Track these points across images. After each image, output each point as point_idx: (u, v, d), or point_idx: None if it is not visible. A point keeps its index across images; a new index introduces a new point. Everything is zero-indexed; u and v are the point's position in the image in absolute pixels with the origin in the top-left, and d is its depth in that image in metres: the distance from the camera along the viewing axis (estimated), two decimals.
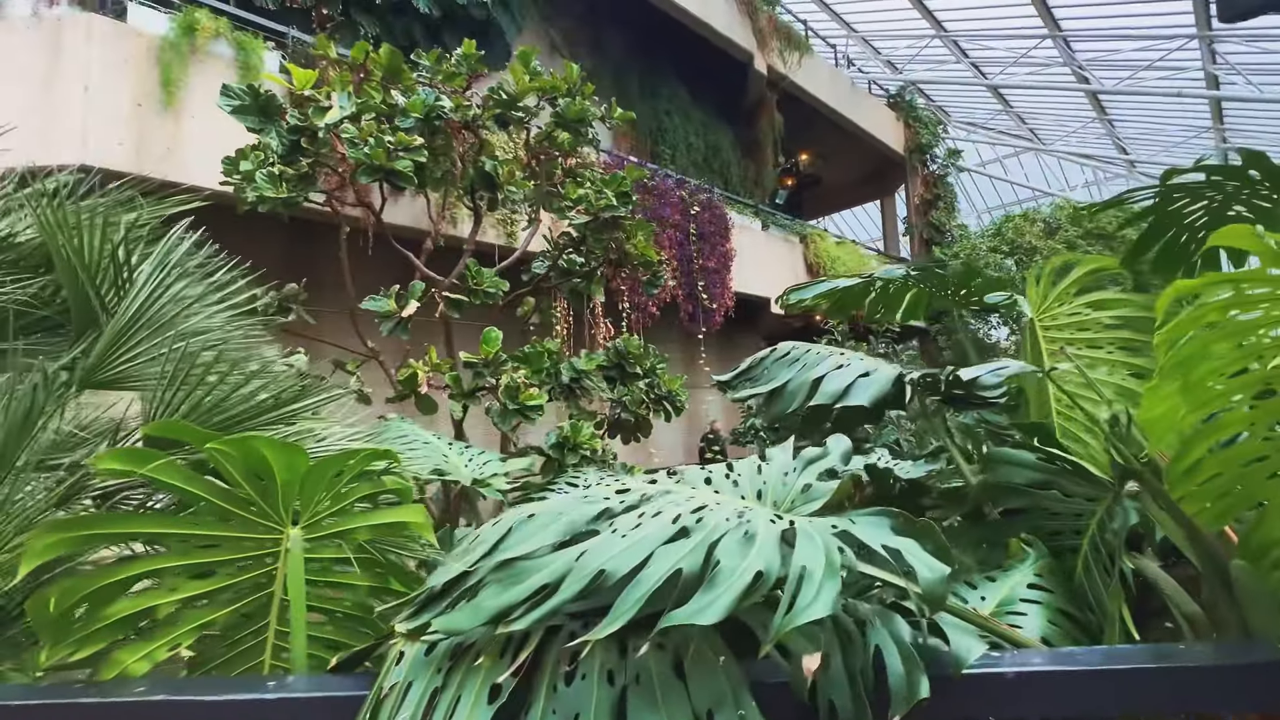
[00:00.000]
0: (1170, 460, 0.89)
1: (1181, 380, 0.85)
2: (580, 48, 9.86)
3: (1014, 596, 1.00)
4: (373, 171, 3.51)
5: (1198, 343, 0.83)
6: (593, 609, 0.68)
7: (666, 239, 8.23)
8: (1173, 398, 0.86)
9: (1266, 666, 0.75)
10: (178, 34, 4.59)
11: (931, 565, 0.64)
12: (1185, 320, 0.82)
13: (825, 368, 1.41)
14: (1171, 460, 0.88)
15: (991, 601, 1.00)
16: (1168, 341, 0.84)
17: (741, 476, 0.93)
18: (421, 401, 3.68)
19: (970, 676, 0.76)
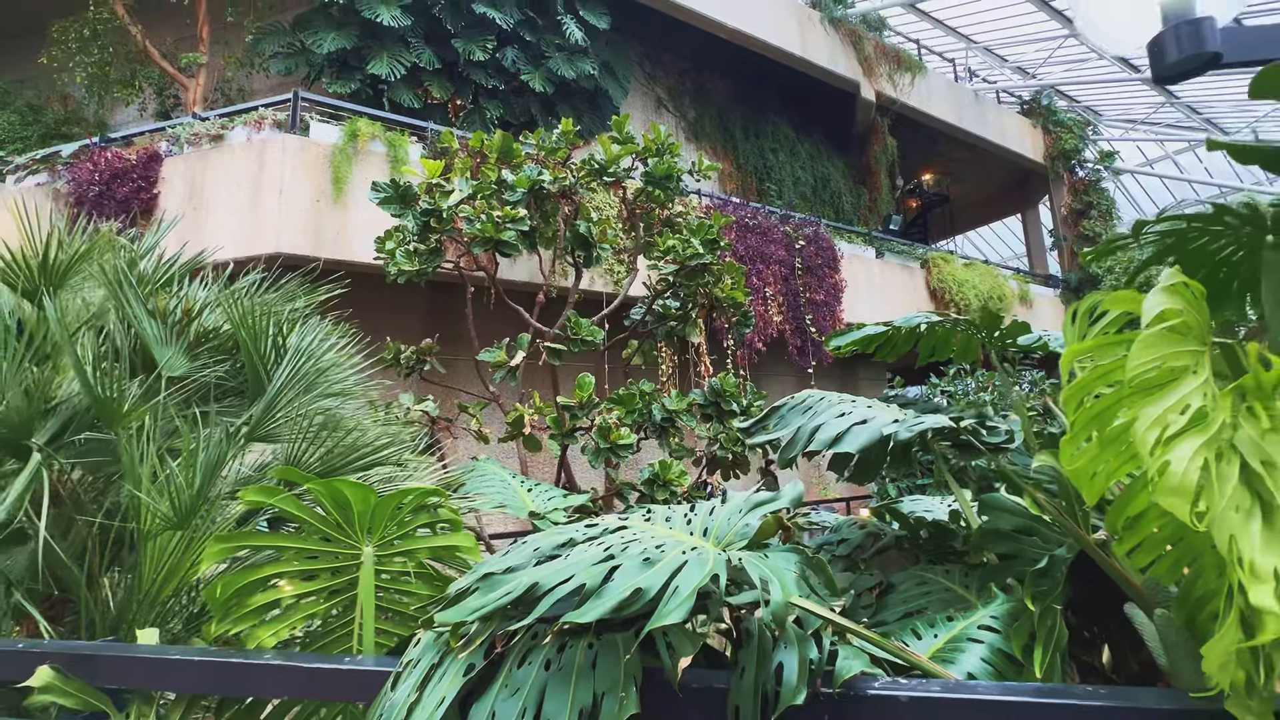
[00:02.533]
0: (1108, 514, 0.94)
1: (1098, 434, 0.91)
2: (684, 99, 10.39)
3: (963, 635, 1.05)
4: (485, 243, 4.09)
5: (1108, 399, 0.89)
6: (557, 616, 0.91)
7: (771, 275, 8.30)
8: (1092, 451, 0.92)
9: (1156, 713, 0.79)
10: (344, 140, 5.65)
11: (783, 590, 0.79)
12: (1088, 379, 0.89)
13: (827, 416, 1.53)
14: (1109, 514, 0.93)
15: (941, 639, 1.06)
16: (1075, 399, 0.91)
17: (697, 515, 1.11)
18: (527, 441, 4.12)
19: (872, 698, 0.88)
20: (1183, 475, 0.70)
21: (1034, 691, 0.83)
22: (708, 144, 10.38)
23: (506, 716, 0.81)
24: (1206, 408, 0.73)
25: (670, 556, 0.88)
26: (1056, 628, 0.95)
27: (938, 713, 0.86)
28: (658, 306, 5.10)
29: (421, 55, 7.15)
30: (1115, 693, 0.83)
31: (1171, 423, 0.73)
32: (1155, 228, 1.19)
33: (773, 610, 0.77)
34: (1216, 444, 0.72)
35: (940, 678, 0.92)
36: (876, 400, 1.63)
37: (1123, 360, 0.84)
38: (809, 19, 10.16)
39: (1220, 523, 0.70)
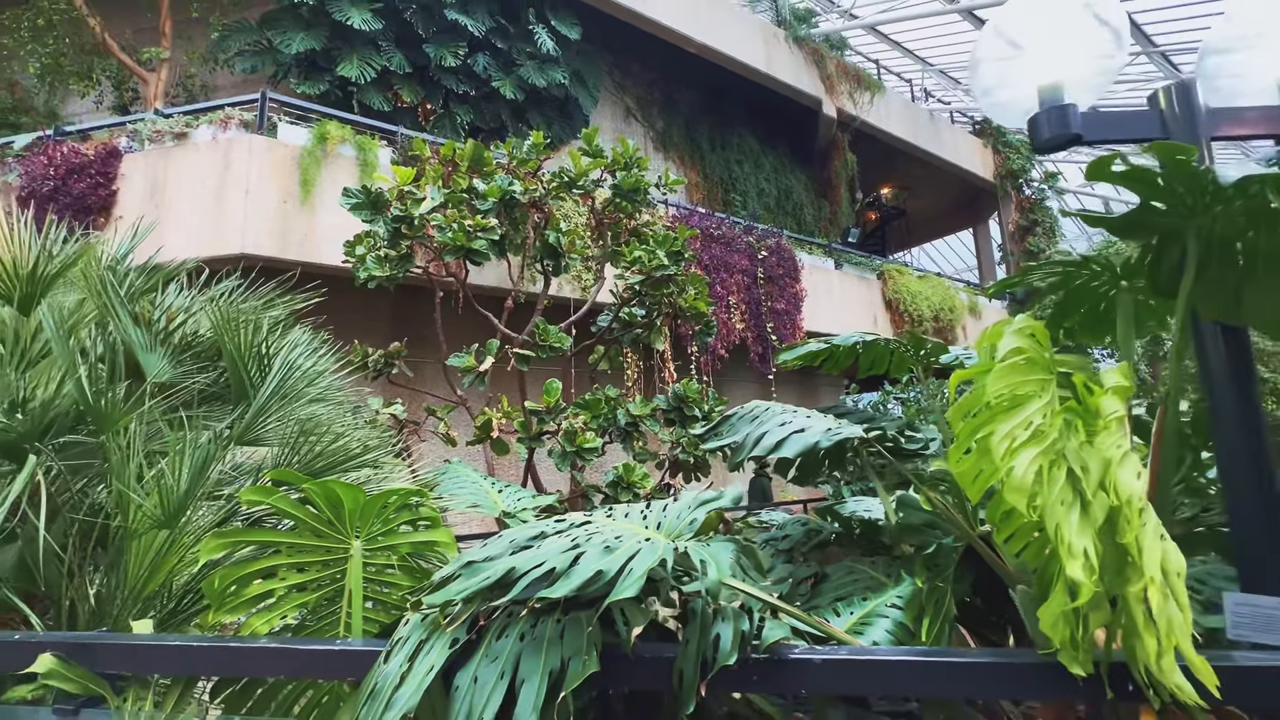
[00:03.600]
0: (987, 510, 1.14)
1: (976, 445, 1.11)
2: (653, 109, 10.61)
3: (874, 613, 1.25)
4: (456, 251, 4.20)
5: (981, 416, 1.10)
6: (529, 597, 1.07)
7: (735, 283, 8.57)
8: (972, 458, 1.12)
9: (1010, 666, 1.00)
10: (313, 143, 5.66)
11: (718, 570, 0.97)
12: (968, 400, 1.10)
13: (770, 425, 1.72)
14: (988, 510, 1.14)
15: (856, 616, 1.26)
16: (958, 416, 1.11)
17: (652, 512, 1.28)
18: (495, 444, 4.24)
19: (792, 660, 1.07)
20: (1022, 478, 0.90)
21: (919, 653, 1.03)
22: (675, 154, 10.62)
23: (488, 678, 0.97)
24: (1044, 425, 0.94)
25: (627, 545, 1.05)
26: (945, 604, 1.16)
27: (843, 670, 1.05)
28: (624, 314, 5.27)
29: (392, 59, 7.17)
30: (981, 652, 1.04)
31: (1018, 436, 0.94)
32: (1041, 269, 1.42)
33: (707, 586, 0.95)
34: (1050, 454, 0.93)
35: (849, 644, 1.12)
36: (815, 410, 1.83)
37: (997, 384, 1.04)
38: (774, 37, 10.51)
39: (1049, 514, 0.91)
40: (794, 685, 1.07)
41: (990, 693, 1.03)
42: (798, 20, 10.88)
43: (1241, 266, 1.11)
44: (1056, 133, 1.24)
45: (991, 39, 1.30)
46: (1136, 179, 1.01)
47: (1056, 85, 1.25)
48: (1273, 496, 1.12)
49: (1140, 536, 0.85)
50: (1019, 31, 1.28)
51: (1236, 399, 1.15)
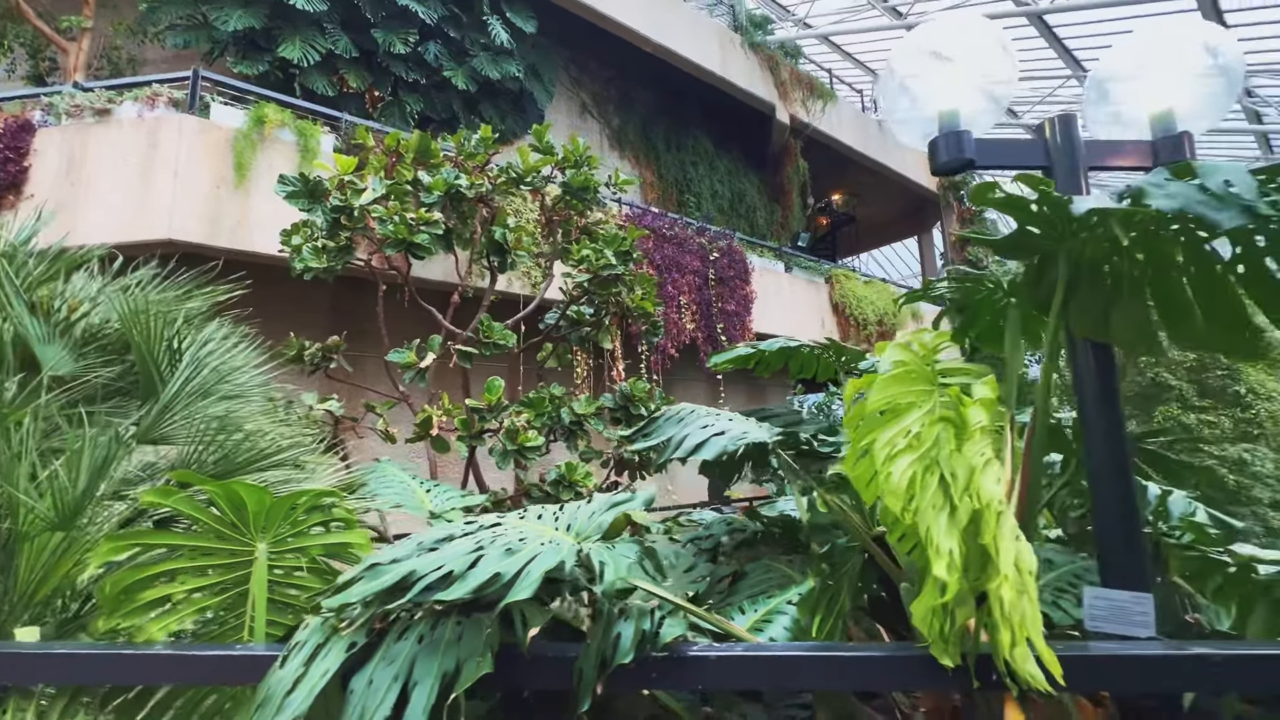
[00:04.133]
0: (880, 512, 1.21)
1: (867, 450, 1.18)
2: (609, 106, 10.60)
3: (775, 610, 1.31)
4: (397, 244, 4.11)
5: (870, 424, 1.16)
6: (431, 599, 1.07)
7: (686, 284, 8.66)
8: (864, 463, 1.19)
9: (890, 659, 1.06)
10: (249, 126, 5.42)
11: (615, 572, 1.00)
12: (859, 407, 1.16)
13: (693, 428, 1.76)
14: (880, 512, 1.20)
15: (760, 613, 1.31)
16: (852, 423, 1.17)
17: (564, 513, 1.30)
18: (435, 442, 4.17)
19: (689, 658, 1.11)
20: (898, 483, 0.96)
21: (808, 648, 1.08)
22: (631, 152, 10.64)
23: (382, 682, 0.97)
24: (922, 434, 1.00)
25: (530, 548, 1.07)
26: (839, 601, 1.22)
27: (736, 666, 1.09)
28: (572, 312, 5.26)
29: (338, 42, 6.93)
30: (865, 646, 1.10)
31: (897, 444, 1.00)
32: (941, 284, 1.50)
33: (603, 588, 0.98)
34: (925, 460, 1.00)
35: (746, 641, 1.17)
36: (738, 414, 1.89)
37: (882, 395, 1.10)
38: (730, 42, 10.65)
39: (921, 517, 0.97)
40: (691, 681, 1.11)
41: (873, 684, 1.09)
42: (754, 26, 11.05)
43: (1108, 288, 1.21)
44: (953, 156, 1.32)
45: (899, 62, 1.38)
46: (1012, 205, 1.09)
47: (954, 112, 1.33)
48: (1130, 499, 1.22)
49: (998, 537, 0.92)
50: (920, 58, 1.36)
51: (1103, 410, 1.26)
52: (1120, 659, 1.04)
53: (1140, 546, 1.20)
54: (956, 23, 1.34)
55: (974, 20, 1.33)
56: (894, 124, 1.42)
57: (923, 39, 1.35)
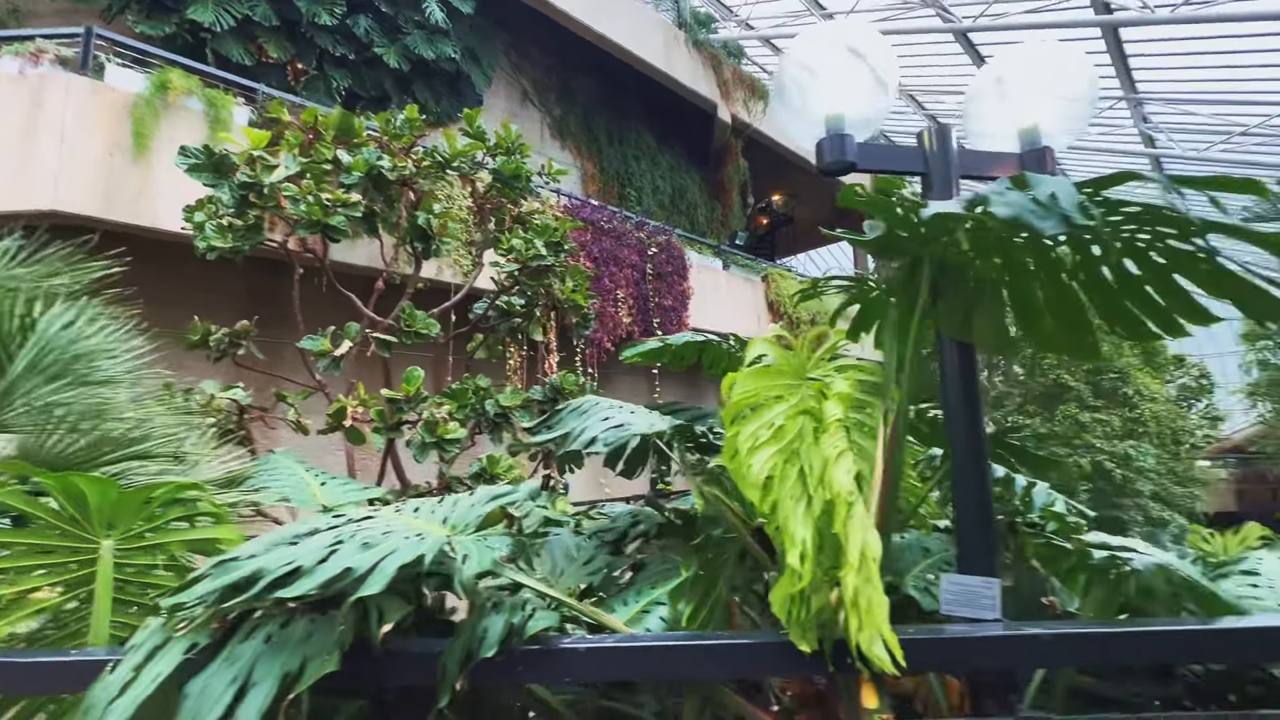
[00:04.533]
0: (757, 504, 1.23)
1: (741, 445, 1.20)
2: (550, 95, 10.44)
3: (657, 600, 1.32)
4: (311, 226, 3.90)
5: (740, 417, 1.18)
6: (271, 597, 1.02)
7: (624, 278, 8.66)
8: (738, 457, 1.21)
9: (755, 646, 1.09)
10: (150, 91, 5.03)
11: (476, 565, 0.98)
12: (733, 404, 1.18)
13: (593, 420, 1.76)
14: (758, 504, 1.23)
15: (641, 604, 1.33)
16: (729, 416, 1.19)
17: (441, 506, 1.27)
18: (350, 433, 4.01)
19: (559, 650, 1.10)
20: (757, 474, 0.98)
21: (676, 638, 1.10)
22: (573, 143, 10.53)
23: (219, 685, 0.92)
24: (785, 426, 1.03)
25: (391, 541, 1.03)
26: (715, 591, 1.24)
27: (606, 658, 1.09)
28: (502, 303, 5.16)
29: (256, 8, 6.52)
30: (731, 634, 1.12)
31: (760, 436, 1.02)
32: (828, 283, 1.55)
33: (461, 581, 0.96)
34: (787, 452, 1.02)
35: (620, 632, 1.17)
36: (642, 407, 1.90)
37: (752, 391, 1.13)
38: (675, 38, 10.69)
39: (780, 507, 0.99)
40: (560, 674, 1.10)
41: (737, 671, 1.12)
42: (698, 24, 11.13)
43: (971, 291, 1.28)
44: (836, 159, 1.37)
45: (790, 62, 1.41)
46: (879, 207, 1.13)
47: (839, 116, 1.38)
48: (986, 490, 1.30)
49: (848, 527, 0.95)
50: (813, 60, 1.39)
51: (965, 406, 1.33)
52: (963, 640, 1.10)
53: (992, 535, 1.28)
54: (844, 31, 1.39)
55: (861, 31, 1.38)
56: (784, 122, 1.46)
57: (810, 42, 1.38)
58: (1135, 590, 1.36)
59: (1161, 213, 0.89)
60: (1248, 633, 1.07)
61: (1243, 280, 0.94)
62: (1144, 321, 1.15)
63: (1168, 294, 1.11)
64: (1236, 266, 0.92)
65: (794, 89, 1.42)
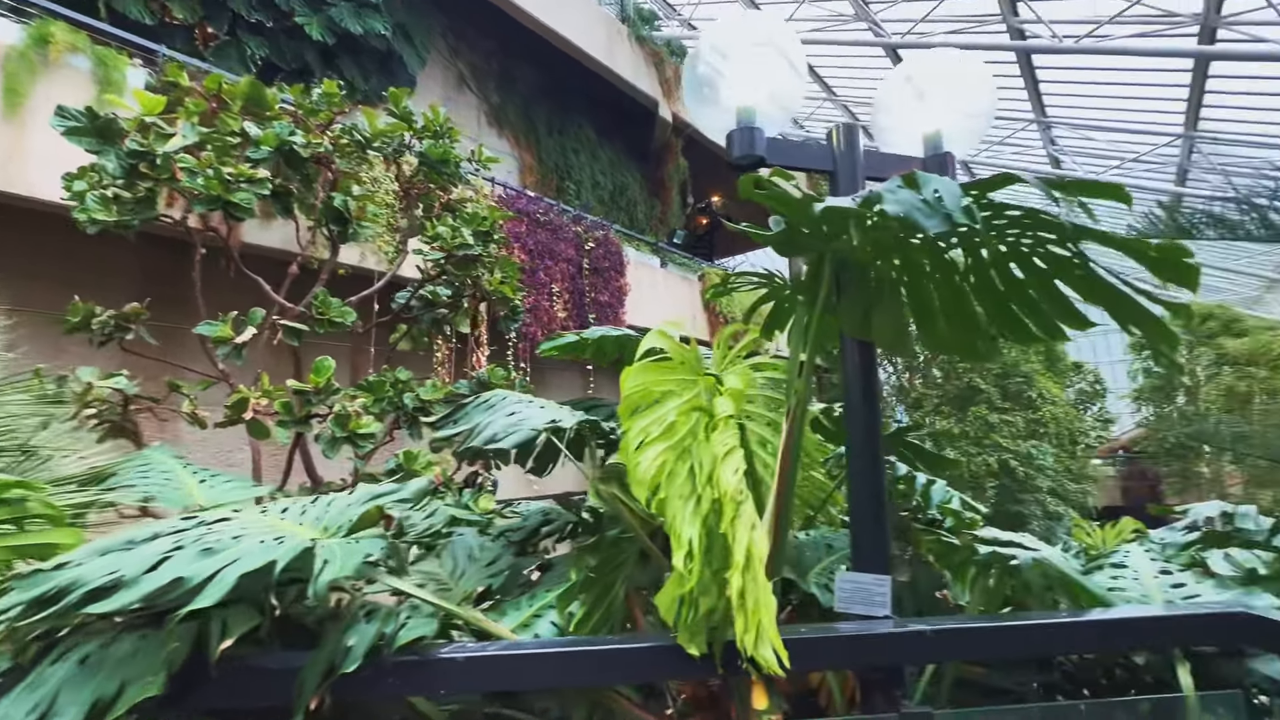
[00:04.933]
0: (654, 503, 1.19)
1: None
2: (489, 82, 10.15)
3: (548, 605, 1.27)
4: (210, 201, 3.60)
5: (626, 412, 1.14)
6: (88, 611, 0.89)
7: (559, 272, 8.53)
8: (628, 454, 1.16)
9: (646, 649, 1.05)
10: (27, 44, 4.51)
11: (337, 570, 0.89)
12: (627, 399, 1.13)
13: (498, 415, 1.68)
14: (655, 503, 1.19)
15: (534, 608, 1.27)
16: (626, 411, 1.15)
17: (315, 506, 1.16)
18: (252, 426, 3.73)
19: (435, 660, 1.02)
20: (644, 471, 0.94)
21: (558, 644, 1.04)
22: (510, 132, 10.29)
23: (15, 716, 0.79)
24: (677, 422, 0.99)
25: (241, 546, 0.93)
26: (610, 594, 1.19)
27: (485, 667, 1.03)
28: (426, 293, 4.95)
29: None
30: (617, 638, 1.08)
31: (651, 432, 0.98)
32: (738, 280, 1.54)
33: (314, 589, 0.87)
34: (678, 449, 0.99)
35: (505, 639, 1.11)
36: (553, 403, 1.83)
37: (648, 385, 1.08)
38: (618, 32, 10.62)
39: (669, 506, 0.96)
40: (435, 686, 1.03)
41: (625, 677, 1.08)
42: (642, 20, 11.10)
43: (872, 290, 1.29)
44: (746, 152, 1.35)
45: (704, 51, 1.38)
46: (779, 201, 1.11)
47: (750, 108, 1.36)
48: (881, 489, 1.32)
49: (735, 526, 0.93)
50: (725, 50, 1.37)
51: (864, 405, 1.34)
52: (852, 639, 1.10)
53: (886, 532, 1.29)
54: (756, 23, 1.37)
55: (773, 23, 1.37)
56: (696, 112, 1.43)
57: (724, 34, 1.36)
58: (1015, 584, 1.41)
59: (1039, 217, 0.91)
60: (1110, 624, 1.12)
61: (1112, 287, 0.98)
62: (1028, 325, 1.19)
63: (1049, 299, 1.14)
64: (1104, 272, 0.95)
65: (706, 79, 1.39)
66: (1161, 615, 1.12)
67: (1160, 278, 0.86)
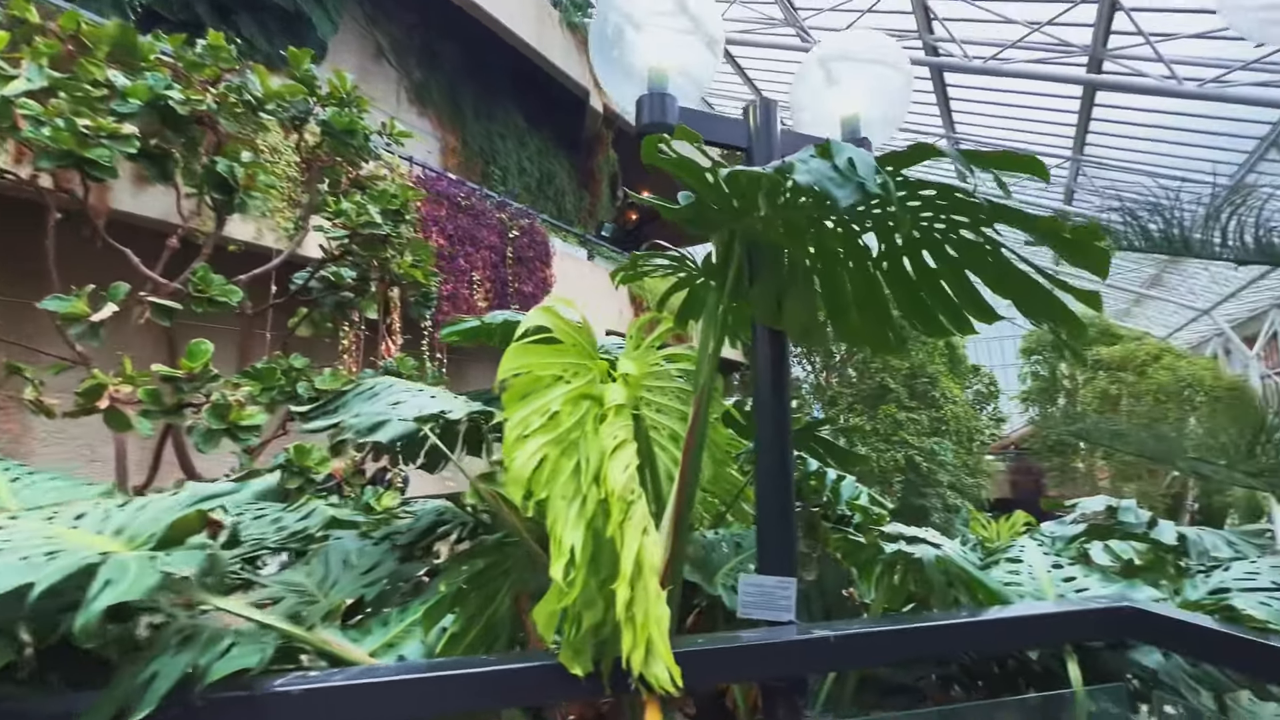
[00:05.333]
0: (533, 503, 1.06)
1: None
2: (410, 56, 9.61)
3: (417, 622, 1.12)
4: (61, 157, 3.11)
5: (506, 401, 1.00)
6: None
7: (481, 259, 8.19)
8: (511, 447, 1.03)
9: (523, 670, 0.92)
10: None
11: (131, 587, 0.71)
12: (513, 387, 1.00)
13: (381, 405, 1.49)
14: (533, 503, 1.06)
15: (402, 625, 1.12)
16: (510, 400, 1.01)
17: (124, 511, 0.95)
18: (110, 416, 3.28)
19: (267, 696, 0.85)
20: (520, 468, 0.81)
21: (418, 668, 0.89)
22: (434, 111, 9.80)
23: None
24: (561, 412, 0.87)
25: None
26: (495, 604, 1.06)
27: (332, 700, 0.86)
28: (329, 274, 4.57)
29: None
30: (501, 658, 0.94)
31: (532, 423, 0.85)
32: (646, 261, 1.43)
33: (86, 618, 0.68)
34: (563, 443, 0.86)
35: (360, 664, 0.95)
36: (444, 390, 1.66)
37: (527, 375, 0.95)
38: (549, 16, 10.33)
39: (551, 508, 0.83)
40: None
41: (500, 702, 0.95)
42: (574, 6, 10.86)
43: (784, 276, 1.22)
44: (656, 119, 1.24)
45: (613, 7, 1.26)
46: (684, 169, 1.01)
47: (662, 73, 1.26)
48: (788, 486, 1.25)
49: (624, 531, 0.81)
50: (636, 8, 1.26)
51: (773, 397, 1.27)
52: (753, 649, 1.02)
53: (793, 531, 1.23)
54: None
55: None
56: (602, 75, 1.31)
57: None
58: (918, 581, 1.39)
59: (955, 195, 0.85)
60: (1008, 622, 1.10)
61: (1023, 275, 0.94)
62: (938, 316, 1.15)
63: (959, 289, 1.10)
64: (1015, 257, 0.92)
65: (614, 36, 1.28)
66: (1055, 612, 1.11)
67: (1073, 261, 0.82)
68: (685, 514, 1.05)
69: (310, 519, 1.80)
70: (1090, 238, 0.78)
